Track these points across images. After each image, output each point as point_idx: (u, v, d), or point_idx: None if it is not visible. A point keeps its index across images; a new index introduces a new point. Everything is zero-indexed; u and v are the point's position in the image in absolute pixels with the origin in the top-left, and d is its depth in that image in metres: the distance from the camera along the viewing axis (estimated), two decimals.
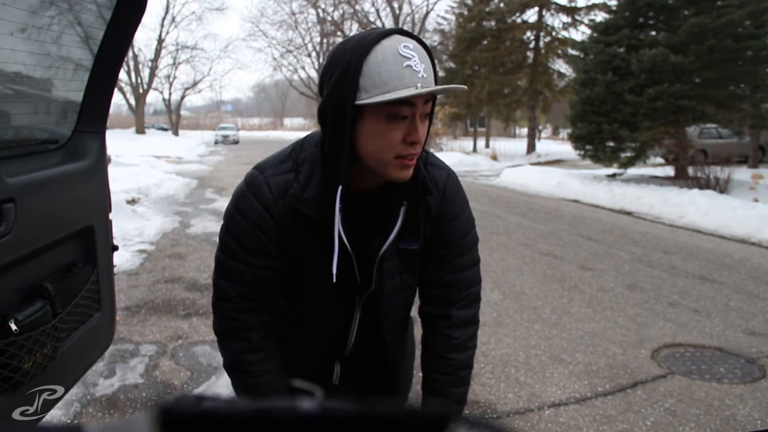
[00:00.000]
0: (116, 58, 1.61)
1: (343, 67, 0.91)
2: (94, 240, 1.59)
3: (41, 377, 1.31)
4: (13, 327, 1.19)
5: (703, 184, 9.89)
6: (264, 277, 1.05)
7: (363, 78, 0.89)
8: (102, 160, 1.66)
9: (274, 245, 1.03)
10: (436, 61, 0.98)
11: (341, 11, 33.69)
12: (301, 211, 1.01)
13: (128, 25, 1.56)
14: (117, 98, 37.52)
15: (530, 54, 23.16)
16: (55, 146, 1.57)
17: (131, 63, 36.12)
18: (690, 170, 10.55)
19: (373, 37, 0.91)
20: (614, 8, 13.35)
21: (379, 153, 0.95)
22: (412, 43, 0.90)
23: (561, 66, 23.36)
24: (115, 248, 1.76)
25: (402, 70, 0.88)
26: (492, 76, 22.26)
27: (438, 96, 1.00)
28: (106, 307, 1.68)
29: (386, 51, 0.89)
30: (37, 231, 1.32)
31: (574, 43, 17.21)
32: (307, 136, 1.09)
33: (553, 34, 22.80)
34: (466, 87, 0.94)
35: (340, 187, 0.97)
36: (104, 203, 1.68)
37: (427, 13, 36.53)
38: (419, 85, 0.89)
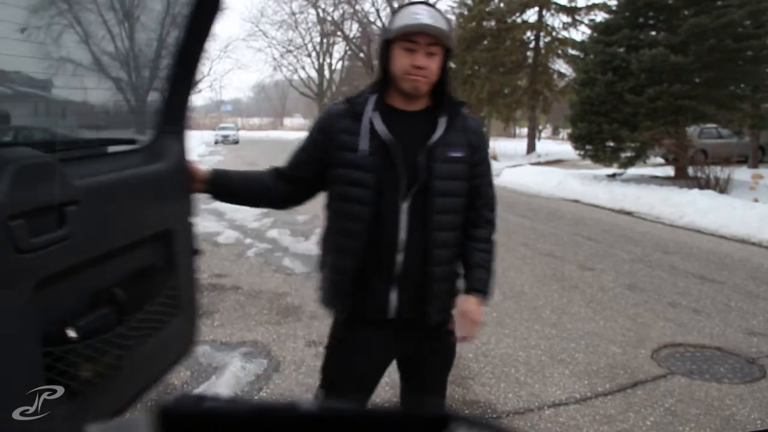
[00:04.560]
0: (195, 55, 1.54)
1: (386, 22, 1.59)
2: (173, 243, 1.52)
3: (104, 385, 1.25)
4: (72, 334, 1.13)
5: (703, 184, 9.88)
6: (301, 160, 1.60)
7: (391, 24, 1.48)
8: (183, 161, 1.58)
9: (321, 140, 1.55)
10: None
11: (341, 11, 33.67)
12: (352, 108, 1.51)
13: (206, 22, 1.50)
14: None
15: (530, 54, 23.13)
16: (133, 147, 1.51)
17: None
18: (690, 170, 10.53)
19: (405, 5, 1.52)
20: (614, 8, 13.33)
21: (397, 70, 1.47)
22: (426, 8, 1.46)
23: (561, 66, 23.33)
24: (199, 252, 1.69)
25: (411, 17, 1.44)
26: (492, 76, 22.24)
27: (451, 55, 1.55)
28: (186, 312, 1.60)
29: (408, 8, 1.48)
30: (105, 234, 1.25)
31: (574, 43, 17.21)
32: None
33: (553, 34, 22.77)
34: (449, 33, 1.49)
35: (375, 91, 1.53)
36: (185, 206, 1.61)
37: None
38: (414, 23, 1.43)
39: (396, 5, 32.55)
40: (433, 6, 1.49)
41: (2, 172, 0.99)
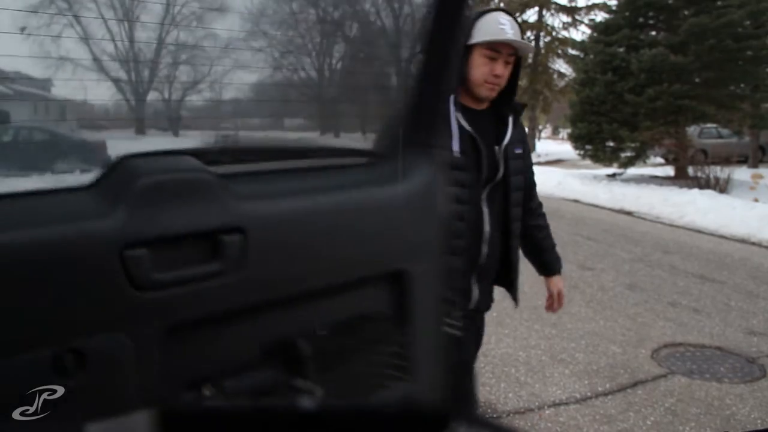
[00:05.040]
0: (447, 46, 1.16)
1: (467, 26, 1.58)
2: (406, 289, 1.15)
3: None
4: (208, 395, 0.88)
5: (703, 183, 9.87)
6: None
7: (475, 30, 1.55)
8: (434, 184, 1.19)
9: None
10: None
11: (341, 11, 33.67)
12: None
13: (456, 10, 1.14)
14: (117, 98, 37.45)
15: (530, 54, 23.14)
16: (359, 160, 1.19)
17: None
18: (690, 170, 10.53)
19: (487, 10, 1.61)
20: (614, 8, 13.35)
21: (477, 77, 1.58)
22: (508, 18, 1.57)
23: (561, 66, 23.33)
24: (452, 303, 1.38)
25: (497, 28, 1.53)
26: None
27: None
28: (419, 379, 1.18)
29: (492, 16, 1.57)
30: (287, 274, 0.96)
31: (574, 43, 17.23)
32: None
33: (553, 34, 22.77)
34: (533, 46, 1.58)
35: (455, 93, 1.59)
36: (431, 241, 1.20)
37: None
38: (503, 39, 1.53)
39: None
40: (510, 14, 1.61)
41: (124, 189, 0.80)
